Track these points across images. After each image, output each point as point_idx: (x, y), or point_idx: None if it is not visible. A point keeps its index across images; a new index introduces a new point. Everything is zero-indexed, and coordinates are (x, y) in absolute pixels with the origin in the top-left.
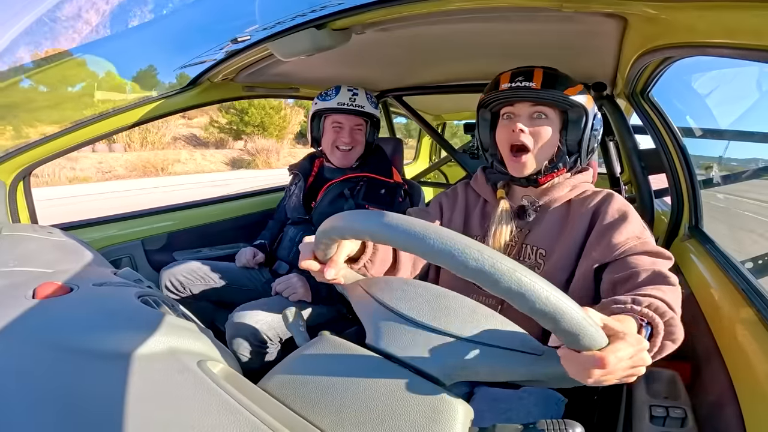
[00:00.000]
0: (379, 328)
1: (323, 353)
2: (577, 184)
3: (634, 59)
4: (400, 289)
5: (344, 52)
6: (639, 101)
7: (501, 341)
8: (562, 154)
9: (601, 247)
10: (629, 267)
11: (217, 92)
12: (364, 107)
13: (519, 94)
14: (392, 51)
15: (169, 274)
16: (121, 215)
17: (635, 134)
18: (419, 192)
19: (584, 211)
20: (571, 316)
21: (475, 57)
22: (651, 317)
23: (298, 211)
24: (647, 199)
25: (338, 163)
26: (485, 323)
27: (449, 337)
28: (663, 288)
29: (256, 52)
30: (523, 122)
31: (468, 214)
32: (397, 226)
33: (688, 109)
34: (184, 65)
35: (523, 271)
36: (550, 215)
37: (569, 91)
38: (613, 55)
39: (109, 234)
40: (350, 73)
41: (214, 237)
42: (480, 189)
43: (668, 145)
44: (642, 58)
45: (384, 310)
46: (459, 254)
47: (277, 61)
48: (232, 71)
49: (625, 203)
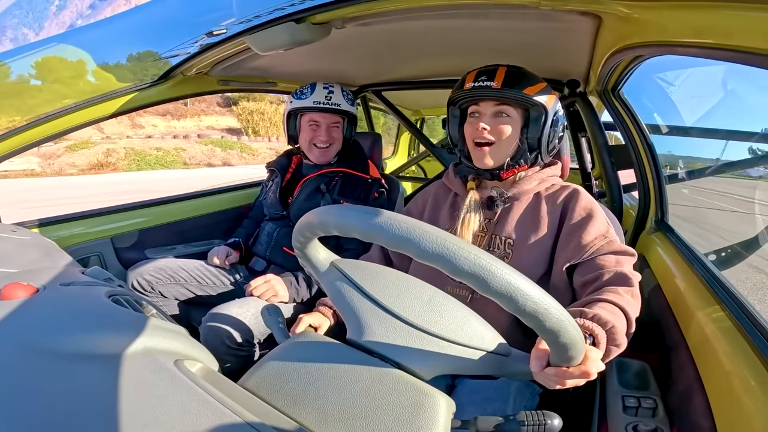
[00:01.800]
0: (361, 323)
1: (304, 350)
2: (545, 178)
3: (606, 57)
4: (382, 277)
5: (324, 47)
6: (610, 98)
7: (473, 341)
8: (522, 150)
9: (570, 248)
10: (595, 268)
11: (190, 86)
12: (340, 105)
13: (480, 93)
14: (372, 46)
15: (136, 274)
16: (88, 212)
17: (606, 131)
18: (398, 186)
19: (553, 205)
20: (572, 336)
21: (455, 53)
22: (591, 329)
23: (275, 207)
24: (616, 193)
25: (316, 161)
26: (463, 323)
27: (429, 335)
28: (620, 290)
29: (232, 46)
30: (486, 120)
31: (438, 206)
32: (387, 223)
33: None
34: (158, 58)
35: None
36: (519, 207)
37: (530, 90)
38: (587, 53)
39: (76, 231)
40: (329, 67)
41: (189, 234)
42: (451, 183)
43: (636, 141)
44: (614, 56)
45: (366, 302)
46: (453, 257)
47: (254, 55)
48: (207, 65)
49: (591, 200)
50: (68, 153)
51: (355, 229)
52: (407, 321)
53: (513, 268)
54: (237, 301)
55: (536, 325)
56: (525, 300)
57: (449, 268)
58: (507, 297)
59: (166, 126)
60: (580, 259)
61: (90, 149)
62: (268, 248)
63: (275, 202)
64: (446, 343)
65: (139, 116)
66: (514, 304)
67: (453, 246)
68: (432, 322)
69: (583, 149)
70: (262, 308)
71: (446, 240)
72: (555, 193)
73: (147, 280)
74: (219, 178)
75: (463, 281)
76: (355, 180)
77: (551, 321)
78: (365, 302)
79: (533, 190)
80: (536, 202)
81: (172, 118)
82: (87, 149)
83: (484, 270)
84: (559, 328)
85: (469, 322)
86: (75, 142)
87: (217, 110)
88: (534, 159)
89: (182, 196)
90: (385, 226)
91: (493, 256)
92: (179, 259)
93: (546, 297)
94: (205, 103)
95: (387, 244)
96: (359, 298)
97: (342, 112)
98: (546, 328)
